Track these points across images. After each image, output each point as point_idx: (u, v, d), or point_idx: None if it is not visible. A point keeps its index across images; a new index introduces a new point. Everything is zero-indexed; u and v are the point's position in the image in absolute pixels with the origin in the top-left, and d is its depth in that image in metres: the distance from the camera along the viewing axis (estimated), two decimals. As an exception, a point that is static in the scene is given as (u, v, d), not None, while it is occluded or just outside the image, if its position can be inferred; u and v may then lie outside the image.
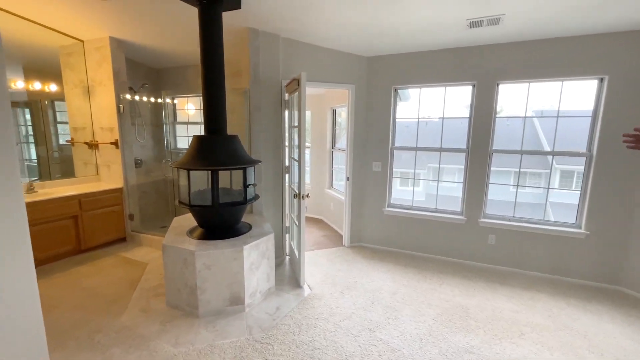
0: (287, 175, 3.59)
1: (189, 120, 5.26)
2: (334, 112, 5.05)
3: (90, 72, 4.02)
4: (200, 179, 2.85)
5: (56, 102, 4.17)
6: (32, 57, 3.90)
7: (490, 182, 3.46)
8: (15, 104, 3.89)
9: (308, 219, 5.32)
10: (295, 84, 2.88)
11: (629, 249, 2.98)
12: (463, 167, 3.57)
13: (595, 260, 3.12)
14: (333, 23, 2.90)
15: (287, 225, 3.68)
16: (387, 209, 3.92)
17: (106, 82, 3.90)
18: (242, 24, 3.08)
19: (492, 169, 3.46)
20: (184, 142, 5.32)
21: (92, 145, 4.18)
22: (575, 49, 2.94)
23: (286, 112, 3.48)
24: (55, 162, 4.33)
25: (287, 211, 3.66)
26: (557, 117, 3.24)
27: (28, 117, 4.08)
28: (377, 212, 3.98)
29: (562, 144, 3.30)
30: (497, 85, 3.27)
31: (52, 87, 3.86)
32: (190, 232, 2.79)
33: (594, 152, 3.03)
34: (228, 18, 2.91)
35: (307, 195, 3.00)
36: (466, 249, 3.60)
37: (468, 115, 3.47)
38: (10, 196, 1.51)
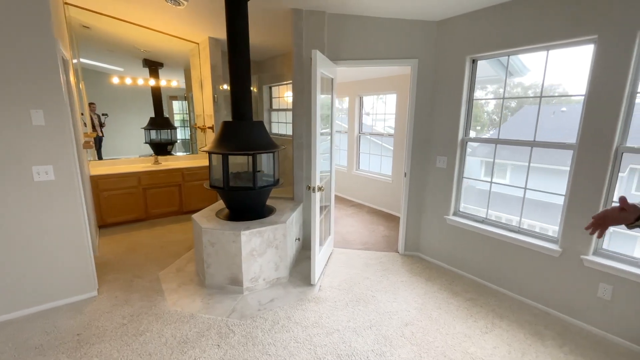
0: (331, 164, 3.35)
1: (288, 107, 5.64)
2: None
3: (202, 68, 4.90)
4: (234, 161, 3.05)
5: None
6: (187, 63, 5.12)
7: (614, 197, 2.13)
8: (174, 97, 5.27)
9: (383, 215, 4.83)
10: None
11: None
12: (568, 171, 2.34)
13: None
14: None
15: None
16: (451, 217, 3.06)
17: (208, 76, 4.67)
18: (284, 5, 2.99)
19: (620, 175, 2.11)
20: (281, 128, 5.79)
21: (203, 129, 5.14)
22: None
23: (329, 96, 3.20)
24: (194, 142, 5.63)
25: (327, 201, 3.43)
26: None
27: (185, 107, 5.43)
28: (439, 220, 3.17)
29: None
30: (639, 37, 1.91)
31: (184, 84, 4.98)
32: (220, 211, 3.05)
33: None
34: (266, 2, 2.89)
35: (320, 188, 2.72)
36: (557, 294, 2.40)
37: (583, 93, 2.21)
38: (68, 177, 2.20)
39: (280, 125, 5.73)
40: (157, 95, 4.83)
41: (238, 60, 2.70)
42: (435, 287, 2.81)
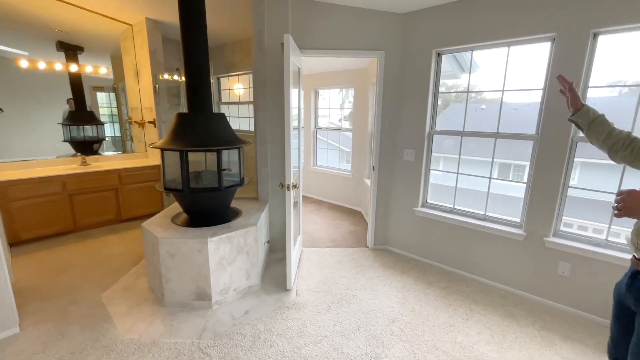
0: (299, 159, 3.16)
1: (241, 100, 5.24)
2: (377, 88, 4.29)
3: (137, 54, 4.27)
4: (190, 159, 2.67)
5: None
6: (116, 47, 4.36)
7: (569, 184, 2.34)
8: (99, 88, 4.47)
9: (345, 210, 4.80)
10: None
11: None
12: (528, 162, 2.51)
13: None
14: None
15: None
16: (419, 209, 3.12)
17: (146, 64, 4.08)
18: (242, -14, 2.70)
19: (576, 160, 2.32)
20: (232, 123, 5.36)
21: (141, 124, 4.50)
22: None
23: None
24: (127, 139, 4.89)
25: (296, 198, 3.24)
26: None
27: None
28: (407, 212, 3.21)
29: None
30: (594, 36, 2.11)
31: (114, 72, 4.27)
32: (176, 217, 2.66)
33: None
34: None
35: (294, 186, 2.53)
36: (522, 275, 2.58)
37: (541, 87, 2.38)
38: None
39: (232, 119, 5.31)
40: (77, 86, 4.07)
41: (194, 41, 2.35)
42: (410, 280, 2.83)
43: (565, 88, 1.37)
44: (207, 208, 2.52)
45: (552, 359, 1.94)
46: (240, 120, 5.04)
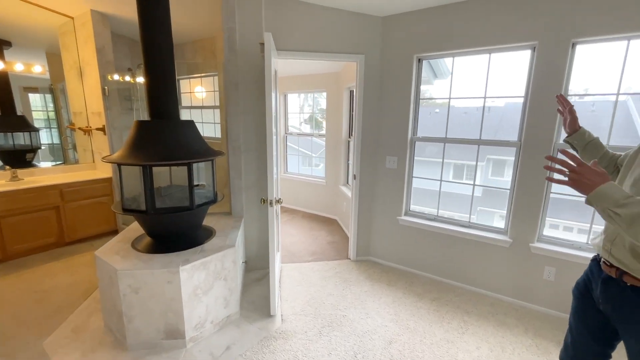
0: (277, 168, 2.91)
1: (203, 105, 4.83)
2: (351, 93, 4.18)
3: (80, 51, 3.73)
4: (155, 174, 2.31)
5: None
6: (53, 43, 3.73)
7: (552, 190, 2.38)
8: (32, 89, 3.81)
9: (320, 219, 4.61)
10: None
11: None
12: (512, 168, 2.53)
13: None
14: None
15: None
16: (403, 217, 3.03)
17: (92, 62, 3.57)
18: (209, -22, 2.41)
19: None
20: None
21: (86, 131, 3.94)
22: None
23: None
24: (69, 147, 4.25)
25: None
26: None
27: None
28: (391, 221, 3.11)
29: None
30: (573, 45, 2.15)
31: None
32: (137, 241, 2.28)
33: None
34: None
35: (278, 201, 2.29)
36: (509, 282, 2.59)
37: (523, 94, 2.40)
38: None
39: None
40: (3, 86, 3.44)
41: (157, 37, 2.03)
42: (399, 292, 2.72)
43: (565, 109, 1.40)
44: (176, 230, 2.18)
45: (551, 369, 1.92)
46: (205, 126, 4.64)
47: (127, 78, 4.17)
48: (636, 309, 1.04)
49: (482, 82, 2.59)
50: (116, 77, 3.72)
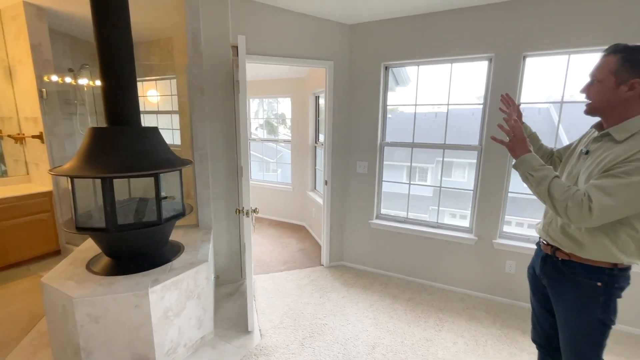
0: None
1: (159, 110, 4.48)
2: (317, 99, 4.19)
3: (9, 48, 3.26)
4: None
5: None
6: None
7: (510, 190, 2.59)
8: None
9: (288, 226, 4.53)
10: (236, 54, 2.05)
11: None
12: (474, 172, 2.71)
13: None
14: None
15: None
16: (374, 221, 3.09)
17: (25, 61, 3.14)
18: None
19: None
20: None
21: (18, 139, 3.45)
22: None
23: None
24: None
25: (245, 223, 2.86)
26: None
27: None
28: (363, 225, 3.15)
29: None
30: (524, 58, 2.37)
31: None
32: (93, 262, 2.02)
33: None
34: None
35: (254, 211, 2.19)
36: (475, 277, 2.75)
37: (482, 102, 2.59)
38: None
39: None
40: None
41: (113, 33, 1.83)
42: (375, 296, 2.75)
43: (511, 107, 1.51)
44: (141, 248, 1.98)
45: (520, 355, 2.06)
46: (162, 133, 4.31)
47: (68, 79, 3.74)
48: (566, 281, 1.21)
49: (445, 89, 2.75)
50: (55, 78, 3.31)
